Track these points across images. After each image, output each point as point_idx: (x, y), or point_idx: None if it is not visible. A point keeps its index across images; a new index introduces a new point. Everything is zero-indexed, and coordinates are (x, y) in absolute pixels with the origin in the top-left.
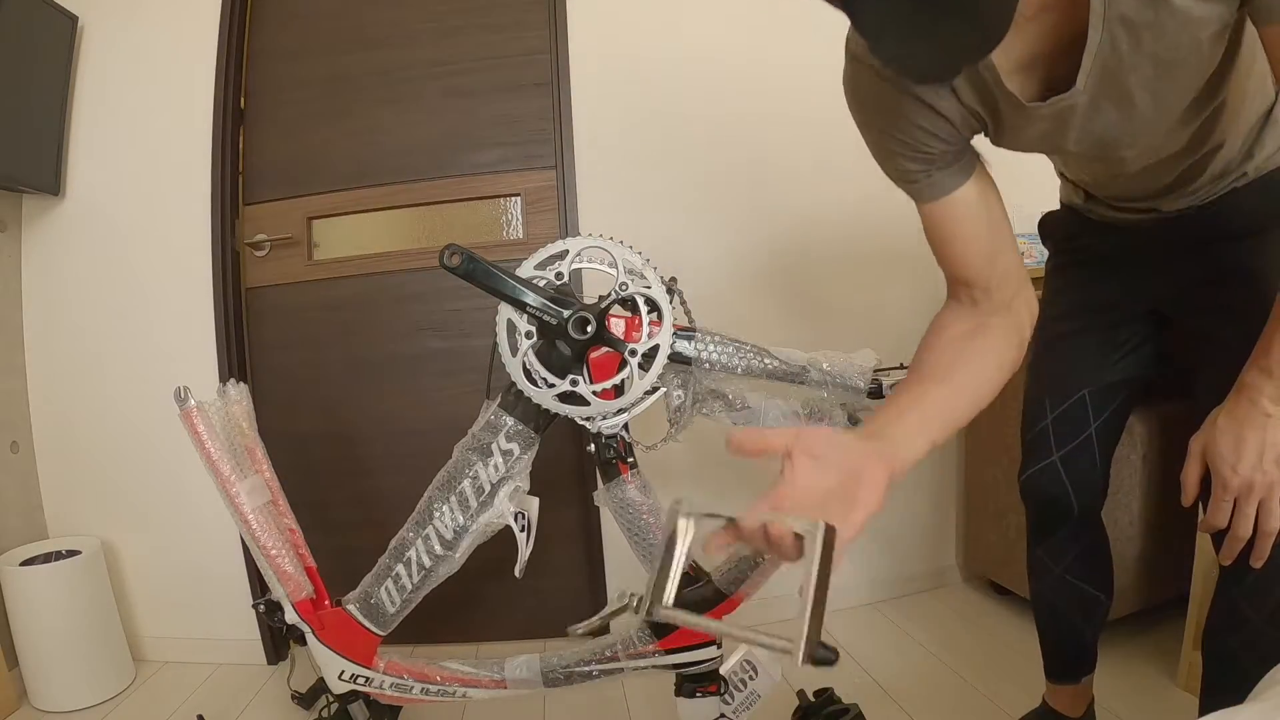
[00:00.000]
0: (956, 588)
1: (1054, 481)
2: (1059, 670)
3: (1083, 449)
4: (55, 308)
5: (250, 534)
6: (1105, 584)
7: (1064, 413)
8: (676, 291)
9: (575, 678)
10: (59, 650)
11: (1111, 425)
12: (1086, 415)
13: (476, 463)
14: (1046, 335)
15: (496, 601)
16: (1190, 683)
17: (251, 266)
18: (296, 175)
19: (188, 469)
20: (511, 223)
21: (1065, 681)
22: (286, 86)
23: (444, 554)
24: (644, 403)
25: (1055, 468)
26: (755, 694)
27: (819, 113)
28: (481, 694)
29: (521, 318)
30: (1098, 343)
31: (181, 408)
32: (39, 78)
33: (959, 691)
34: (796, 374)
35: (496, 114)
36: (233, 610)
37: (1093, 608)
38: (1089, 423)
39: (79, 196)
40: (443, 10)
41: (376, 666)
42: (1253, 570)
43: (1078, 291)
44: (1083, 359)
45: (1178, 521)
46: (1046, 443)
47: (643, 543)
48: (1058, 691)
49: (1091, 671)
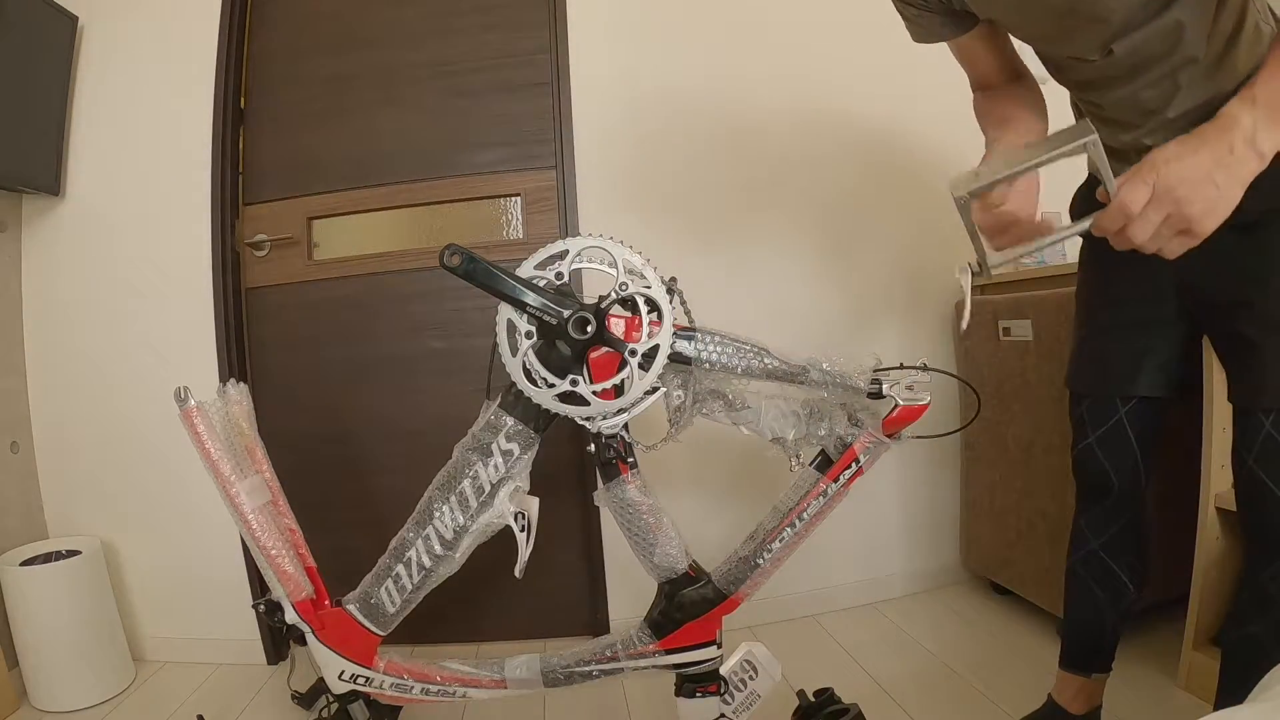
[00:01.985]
0: (956, 588)
1: (1091, 457)
2: (1072, 654)
3: (1115, 431)
4: (55, 308)
5: (250, 534)
6: (1135, 574)
7: (1094, 402)
8: (676, 291)
9: (575, 678)
10: (59, 650)
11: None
12: (1115, 405)
13: (476, 463)
14: (1086, 329)
15: (496, 601)
16: (1190, 683)
17: (251, 266)
18: (296, 175)
19: (188, 469)
20: (511, 223)
21: (1075, 670)
22: (286, 86)
23: (444, 554)
24: (644, 403)
25: (1092, 447)
26: (755, 694)
27: (819, 112)
28: (481, 694)
29: (521, 318)
30: (1124, 349)
31: (181, 408)
32: (39, 78)
33: (959, 691)
34: (796, 374)
35: (496, 114)
36: (233, 610)
37: (1119, 593)
38: (1118, 410)
39: (79, 196)
40: (443, 10)
41: (376, 666)
42: None
43: (1104, 282)
44: (1113, 363)
45: (1178, 522)
46: (1083, 425)
47: (643, 543)
48: (1065, 681)
49: (1103, 672)
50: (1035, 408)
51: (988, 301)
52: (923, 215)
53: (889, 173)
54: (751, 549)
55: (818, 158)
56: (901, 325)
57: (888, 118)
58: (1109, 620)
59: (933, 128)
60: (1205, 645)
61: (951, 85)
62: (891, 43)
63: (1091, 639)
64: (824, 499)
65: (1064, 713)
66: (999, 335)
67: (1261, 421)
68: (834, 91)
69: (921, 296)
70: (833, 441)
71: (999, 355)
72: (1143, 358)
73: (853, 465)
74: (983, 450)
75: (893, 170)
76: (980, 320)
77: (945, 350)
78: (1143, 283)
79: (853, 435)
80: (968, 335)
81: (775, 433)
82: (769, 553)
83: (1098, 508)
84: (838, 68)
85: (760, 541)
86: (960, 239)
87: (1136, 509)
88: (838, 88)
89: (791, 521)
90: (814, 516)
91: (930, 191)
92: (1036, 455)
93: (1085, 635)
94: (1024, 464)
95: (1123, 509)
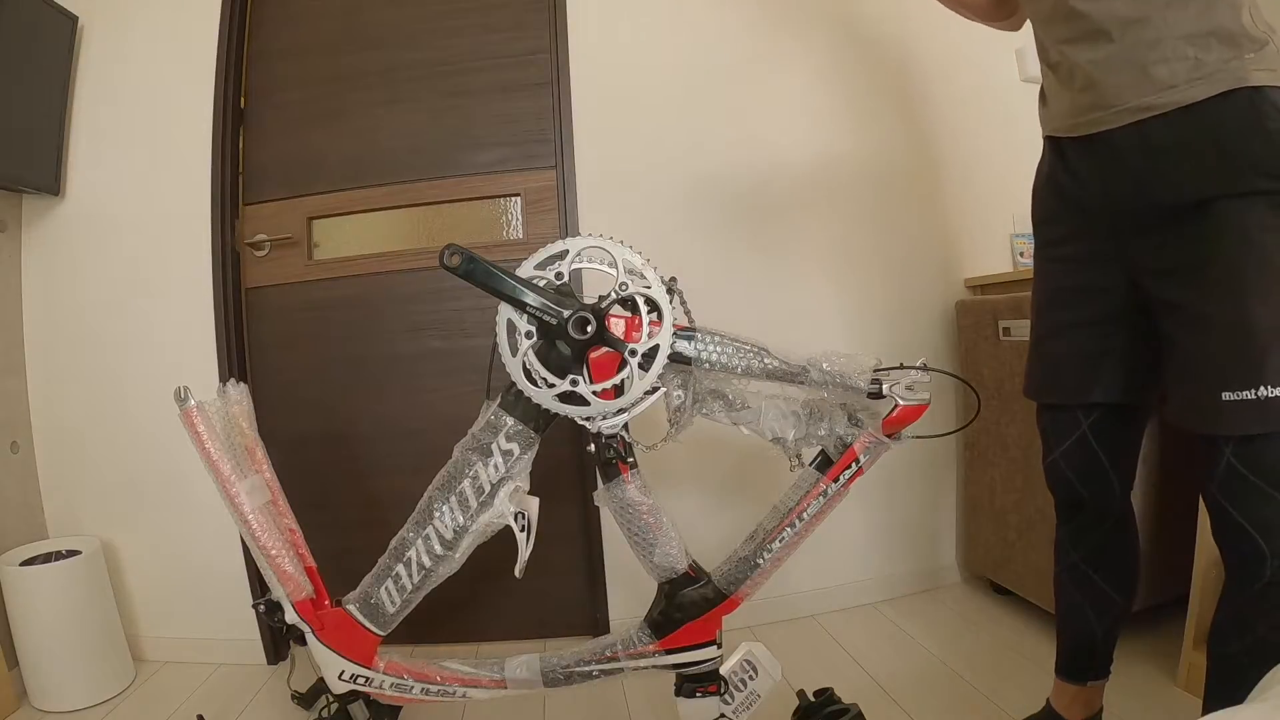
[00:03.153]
0: (956, 588)
1: (1058, 472)
2: (1065, 665)
3: (1079, 445)
4: (55, 308)
5: (250, 534)
6: (1121, 584)
7: (1055, 415)
8: (676, 291)
9: (575, 678)
10: (59, 650)
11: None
12: (1076, 419)
13: (476, 463)
14: (1037, 331)
15: (496, 601)
16: (1190, 683)
17: (251, 266)
18: (296, 175)
19: (188, 469)
20: (511, 223)
21: (1070, 679)
22: (286, 86)
23: (444, 554)
24: (644, 403)
25: (1057, 463)
26: (755, 694)
27: (820, 111)
28: (481, 694)
29: (521, 318)
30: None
31: (182, 408)
32: (39, 78)
33: (959, 691)
34: (796, 374)
35: (496, 114)
36: (233, 610)
37: (1105, 604)
38: (1079, 424)
39: (79, 196)
40: (443, 10)
41: (376, 666)
42: (1260, 579)
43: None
44: (1067, 368)
45: (1178, 522)
46: (1047, 439)
47: (643, 542)
48: (1061, 690)
49: (1100, 678)
50: (1035, 407)
51: (988, 301)
52: (923, 215)
53: (890, 173)
54: (751, 549)
55: (819, 157)
56: (901, 325)
57: (889, 118)
58: (1098, 630)
59: (933, 128)
60: (1205, 645)
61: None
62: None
63: (1082, 648)
64: (824, 499)
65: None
66: (999, 335)
67: (1223, 450)
68: (837, 90)
69: (921, 296)
70: (833, 441)
71: (999, 355)
72: (1100, 359)
73: (853, 465)
74: (983, 450)
75: (893, 170)
76: (980, 320)
77: (945, 350)
78: (1094, 277)
79: (853, 435)
80: (967, 335)
81: (775, 433)
82: (769, 553)
83: (1072, 523)
84: (839, 65)
85: (760, 541)
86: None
87: (1115, 520)
88: (839, 87)
89: (791, 521)
90: (814, 516)
91: (931, 191)
92: (1036, 455)
93: (1076, 644)
94: (1024, 464)
95: (1098, 521)
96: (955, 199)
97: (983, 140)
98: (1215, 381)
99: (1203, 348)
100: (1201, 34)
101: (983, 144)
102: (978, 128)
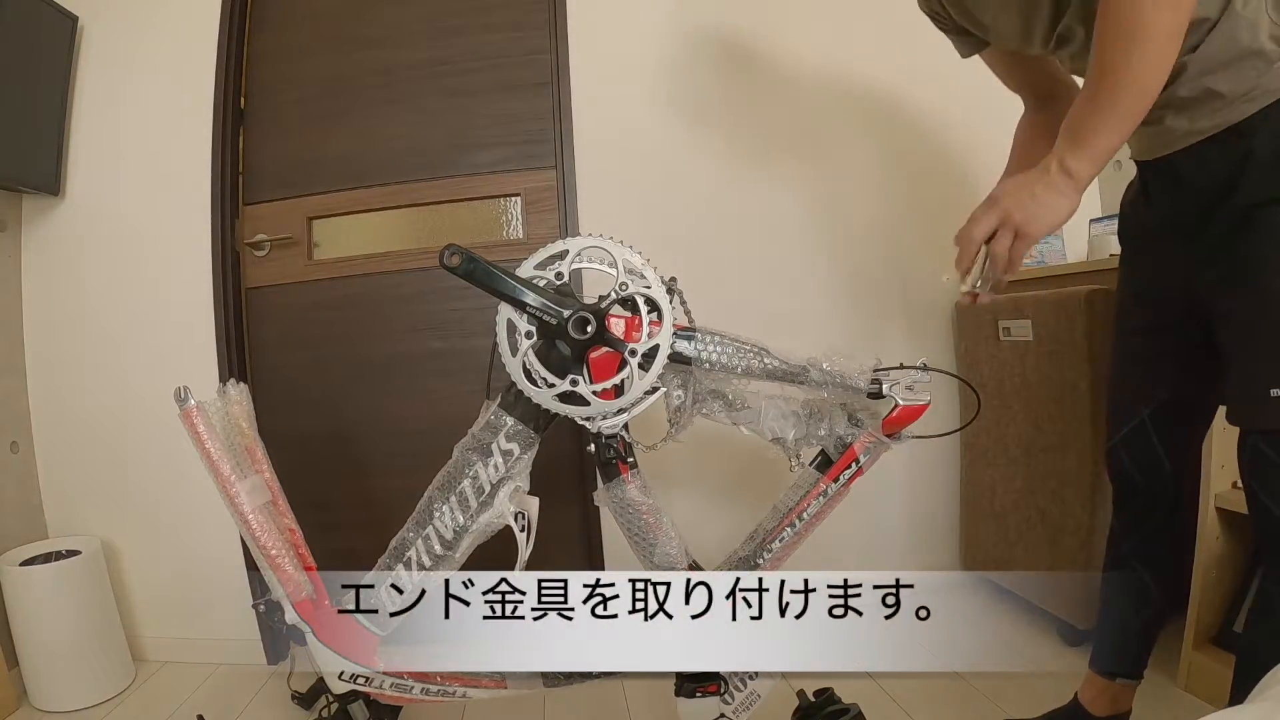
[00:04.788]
0: (956, 588)
1: (1116, 458)
2: (1098, 653)
3: (1137, 433)
4: (55, 308)
5: (250, 534)
6: (1162, 580)
7: (1118, 403)
8: (676, 291)
9: (575, 678)
10: (59, 650)
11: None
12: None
13: (476, 463)
14: (1114, 334)
15: None
16: (1190, 683)
17: (251, 266)
18: (296, 175)
19: (188, 469)
20: (511, 223)
21: (1100, 671)
22: (286, 86)
23: (444, 554)
24: (644, 403)
25: (1117, 449)
26: (755, 694)
27: (820, 110)
28: (481, 694)
29: (521, 318)
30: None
31: (181, 408)
32: (39, 78)
33: (959, 691)
34: (796, 374)
35: (496, 114)
36: (233, 610)
37: (1144, 598)
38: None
39: (79, 196)
40: (443, 10)
41: (376, 666)
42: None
43: (1129, 289)
44: (1133, 364)
45: None
46: (1110, 426)
47: (643, 542)
48: (1090, 681)
49: (1131, 679)
50: (1035, 408)
51: None
52: (924, 216)
53: (890, 173)
54: (751, 549)
55: (819, 157)
56: (901, 325)
57: (889, 119)
58: (1133, 625)
59: (933, 129)
60: (1205, 645)
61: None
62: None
63: (1115, 642)
64: (824, 499)
65: (1085, 713)
66: (999, 335)
67: (1256, 441)
68: (837, 90)
69: (921, 297)
70: (833, 441)
71: (999, 355)
72: (1158, 361)
73: (852, 465)
74: (983, 450)
75: (893, 170)
76: (980, 320)
77: (945, 350)
78: (1156, 287)
79: (853, 435)
80: (967, 335)
81: (775, 433)
82: (769, 553)
83: (1126, 510)
84: (839, 66)
85: (760, 542)
86: None
87: (1167, 513)
88: (839, 86)
89: (791, 522)
90: (814, 516)
91: (931, 192)
92: (1036, 455)
93: (1110, 634)
94: (1024, 464)
95: (1150, 511)
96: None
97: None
98: (1268, 380)
99: (1251, 350)
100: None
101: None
102: (981, 132)
